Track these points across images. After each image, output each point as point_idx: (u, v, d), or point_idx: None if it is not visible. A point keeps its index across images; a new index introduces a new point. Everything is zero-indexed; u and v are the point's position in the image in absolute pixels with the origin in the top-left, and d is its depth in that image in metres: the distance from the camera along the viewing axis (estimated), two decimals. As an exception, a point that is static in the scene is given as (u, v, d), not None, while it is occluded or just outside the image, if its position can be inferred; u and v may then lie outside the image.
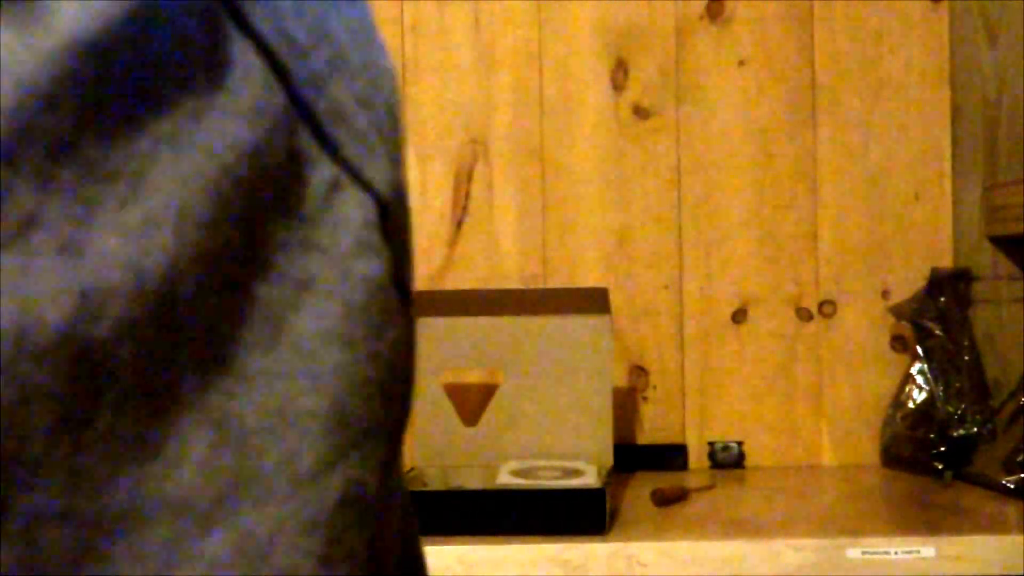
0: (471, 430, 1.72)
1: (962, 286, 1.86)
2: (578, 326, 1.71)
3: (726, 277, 1.93)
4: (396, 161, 0.44)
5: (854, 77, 1.93)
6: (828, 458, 1.92)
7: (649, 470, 1.86)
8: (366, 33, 0.42)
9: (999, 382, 1.79)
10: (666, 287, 1.93)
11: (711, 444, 1.92)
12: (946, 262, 1.91)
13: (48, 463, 0.32)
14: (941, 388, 1.80)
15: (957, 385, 1.79)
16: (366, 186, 0.42)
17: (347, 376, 0.40)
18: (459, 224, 1.94)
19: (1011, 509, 1.53)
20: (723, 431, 1.92)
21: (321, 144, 0.39)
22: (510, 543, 1.39)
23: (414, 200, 1.92)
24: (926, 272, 1.88)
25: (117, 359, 0.33)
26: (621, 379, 1.92)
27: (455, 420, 1.72)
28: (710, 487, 1.74)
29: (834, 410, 1.92)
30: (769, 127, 1.93)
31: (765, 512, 1.62)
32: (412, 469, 1.66)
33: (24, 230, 0.31)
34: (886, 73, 1.93)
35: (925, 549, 1.36)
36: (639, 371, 1.93)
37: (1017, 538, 1.36)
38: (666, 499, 1.61)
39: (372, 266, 0.42)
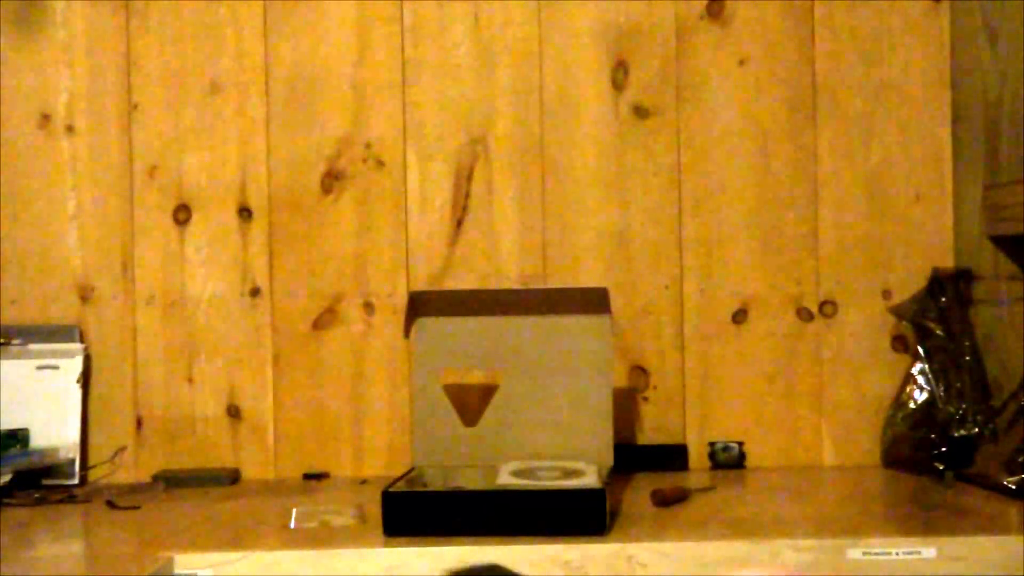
0: (471, 430, 1.72)
1: (963, 286, 1.85)
2: (578, 326, 1.71)
3: (726, 277, 1.93)
4: None
5: (854, 77, 1.93)
6: (829, 458, 1.92)
7: (649, 470, 1.86)
8: None
9: (1000, 382, 1.79)
10: (666, 287, 1.93)
11: (711, 444, 1.91)
12: (947, 262, 1.90)
13: None
14: (942, 388, 1.79)
15: (958, 385, 1.79)
16: None
17: None
18: (459, 224, 1.94)
19: (1012, 510, 1.53)
20: (723, 431, 1.92)
21: None
22: (510, 543, 1.39)
23: (414, 200, 1.92)
24: (927, 272, 1.88)
25: None
26: (621, 379, 1.91)
27: (455, 420, 1.72)
28: (710, 488, 1.74)
29: (835, 410, 1.92)
30: (769, 127, 1.93)
31: (765, 512, 1.62)
32: (412, 469, 1.66)
33: None
34: (886, 73, 1.93)
35: (926, 550, 1.36)
36: (639, 371, 1.93)
37: (1018, 538, 1.36)
38: (666, 499, 1.61)
39: None
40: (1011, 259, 1.80)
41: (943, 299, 1.84)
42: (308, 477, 1.91)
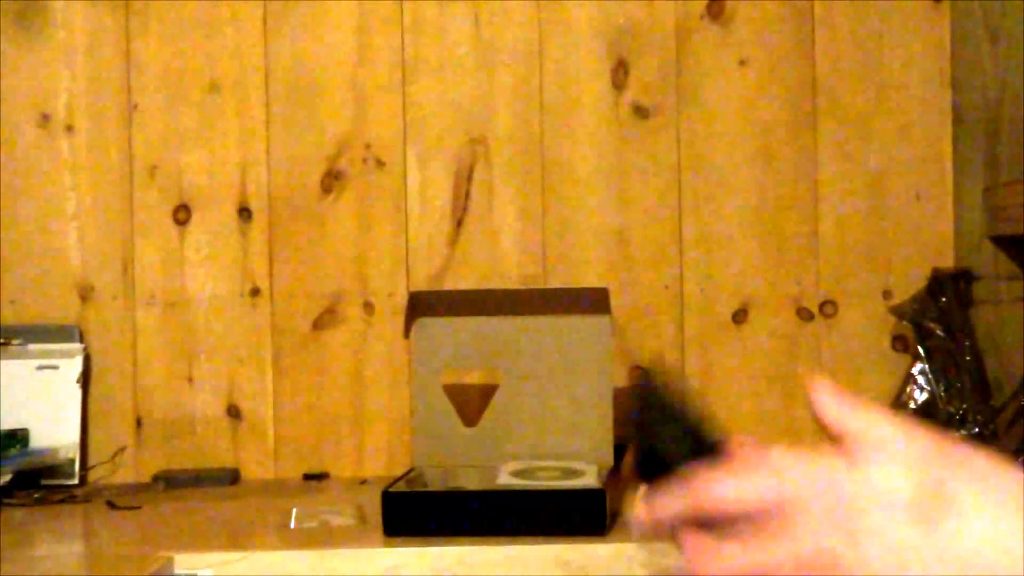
0: (471, 430, 1.72)
1: (963, 286, 1.85)
2: (578, 326, 1.71)
3: (726, 277, 1.93)
4: None
5: (854, 77, 1.93)
6: (829, 459, 1.91)
7: (649, 470, 1.85)
8: None
9: (1000, 382, 1.79)
10: (666, 287, 1.93)
11: (711, 444, 1.91)
12: (947, 262, 1.90)
13: None
14: (942, 388, 1.79)
15: (958, 385, 1.79)
16: None
17: None
18: (459, 224, 1.93)
19: (1012, 509, 1.53)
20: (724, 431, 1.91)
21: None
22: (510, 543, 1.39)
23: (414, 200, 1.92)
24: (927, 272, 1.88)
25: None
26: (621, 379, 1.91)
27: (455, 420, 1.71)
28: (710, 487, 1.73)
29: (835, 410, 1.91)
30: (769, 127, 1.93)
31: (766, 512, 1.62)
32: (412, 469, 1.66)
33: None
34: (887, 73, 1.93)
35: (926, 549, 1.36)
36: (639, 371, 1.93)
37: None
38: (666, 499, 1.61)
39: None
40: (1011, 259, 1.80)
41: (943, 299, 1.84)
42: (308, 477, 1.91)
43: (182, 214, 1.94)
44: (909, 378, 1.84)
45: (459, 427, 1.71)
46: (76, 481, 1.87)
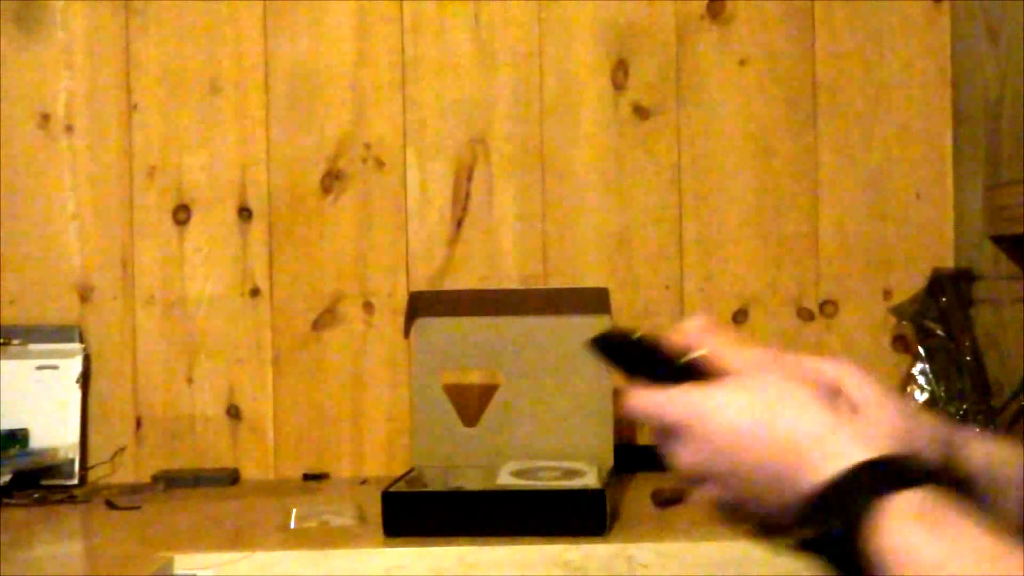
0: (471, 430, 1.72)
1: (963, 286, 1.85)
2: (578, 326, 1.70)
3: (726, 277, 1.93)
4: None
5: (854, 77, 1.93)
6: (829, 459, 1.91)
7: (649, 470, 1.86)
8: None
9: (1000, 382, 1.79)
10: (666, 287, 1.93)
11: (711, 444, 1.91)
12: (947, 262, 1.90)
13: None
14: (942, 388, 1.79)
15: (959, 385, 1.79)
16: None
17: None
18: (459, 224, 1.93)
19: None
20: (723, 431, 1.92)
21: None
22: (510, 543, 1.39)
23: (414, 200, 1.92)
24: (927, 272, 1.88)
25: None
26: (621, 379, 1.91)
27: (455, 420, 1.71)
28: (710, 487, 1.73)
29: (835, 410, 1.91)
30: (769, 127, 1.93)
31: (766, 512, 1.62)
32: (412, 469, 1.66)
33: None
34: (887, 73, 1.93)
35: (926, 549, 1.36)
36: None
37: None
38: (666, 500, 1.61)
39: None
40: (1011, 259, 1.80)
41: (943, 299, 1.84)
42: (308, 477, 1.91)
43: (182, 214, 1.94)
44: (909, 378, 1.84)
45: (459, 427, 1.71)
46: (76, 481, 1.87)
